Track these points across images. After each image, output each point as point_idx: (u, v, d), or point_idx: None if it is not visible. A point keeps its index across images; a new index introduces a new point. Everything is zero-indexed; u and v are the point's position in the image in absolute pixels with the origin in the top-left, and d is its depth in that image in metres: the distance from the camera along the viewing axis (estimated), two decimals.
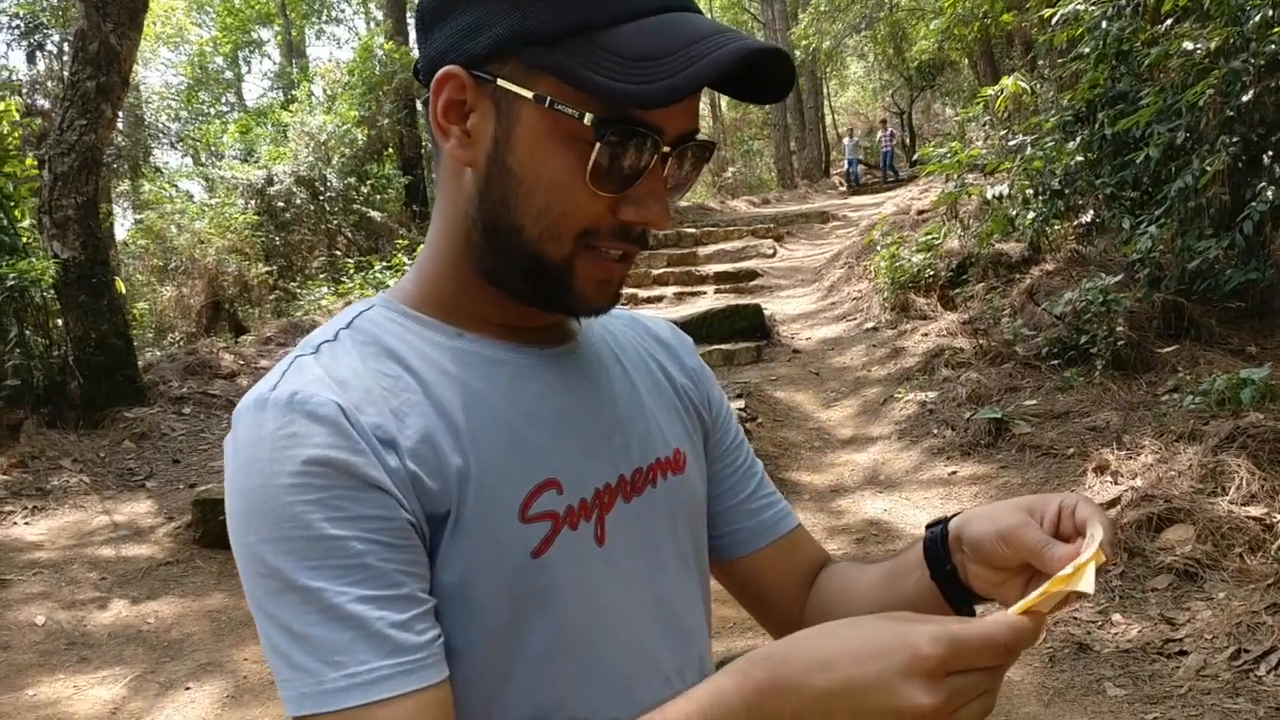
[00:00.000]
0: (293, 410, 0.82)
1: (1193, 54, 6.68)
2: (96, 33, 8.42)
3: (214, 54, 35.26)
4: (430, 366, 0.91)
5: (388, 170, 20.92)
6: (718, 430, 1.17)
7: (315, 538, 0.79)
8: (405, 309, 0.95)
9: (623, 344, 1.09)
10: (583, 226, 0.87)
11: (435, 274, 0.97)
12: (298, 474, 0.80)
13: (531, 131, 0.86)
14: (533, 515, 0.89)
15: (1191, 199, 6.49)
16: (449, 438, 0.87)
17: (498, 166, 0.87)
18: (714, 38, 0.81)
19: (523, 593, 0.88)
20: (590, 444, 0.96)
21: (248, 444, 0.84)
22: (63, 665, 4.59)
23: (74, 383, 8.58)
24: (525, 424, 0.91)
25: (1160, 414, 5.61)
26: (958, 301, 9.23)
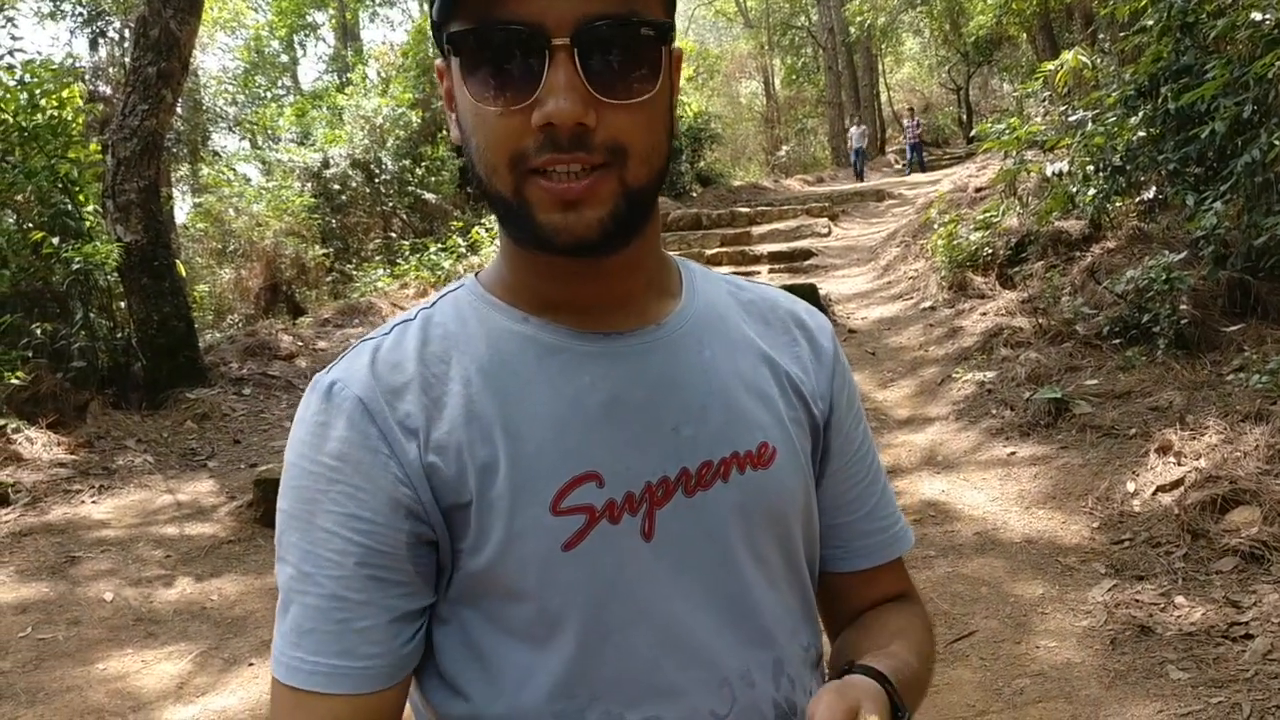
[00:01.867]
0: (328, 399, 0.89)
1: (1261, 25, 6.52)
2: (157, 19, 8.54)
3: (270, 38, 35.59)
4: (488, 353, 0.92)
5: (442, 152, 21.02)
6: (835, 433, 1.09)
7: (313, 526, 0.86)
8: (483, 292, 0.97)
9: (728, 326, 1.03)
10: (509, 151, 0.84)
11: (500, 257, 0.99)
12: (317, 462, 0.87)
13: (456, 84, 0.87)
14: (566, 508, 0.88)
15: (1259, 174, 6.34)
16: (482, 427, 0.89)
17: (461, 129, 0.90)
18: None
19: (553, 585, 0.88)
20: (645, 436, 0.92)
21: (297, 421, 0.92)
22: (131, 640, 4.69)
23: (137, 364, 8.75)
24: (571, 414, 0.90)
25: (1225, 394, 5.51)
26: (1016, 280, 9.11)
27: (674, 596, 0.92)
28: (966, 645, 3.92)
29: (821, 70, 35.94)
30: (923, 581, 4.50)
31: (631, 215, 0.87)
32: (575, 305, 0.94)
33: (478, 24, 0.83)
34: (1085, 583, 4.28)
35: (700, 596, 0.94)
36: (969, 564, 4.65)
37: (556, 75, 0.81)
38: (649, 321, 0.97)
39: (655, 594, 0.91)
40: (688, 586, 0.93)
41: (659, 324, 0.98)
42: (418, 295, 14.65)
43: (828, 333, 1.11)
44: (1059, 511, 4.99)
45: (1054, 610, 4.09)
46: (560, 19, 0.81)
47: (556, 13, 0.81)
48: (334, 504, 0.86)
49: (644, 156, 0.86)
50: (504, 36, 0.82)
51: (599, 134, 0.83)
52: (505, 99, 0.83)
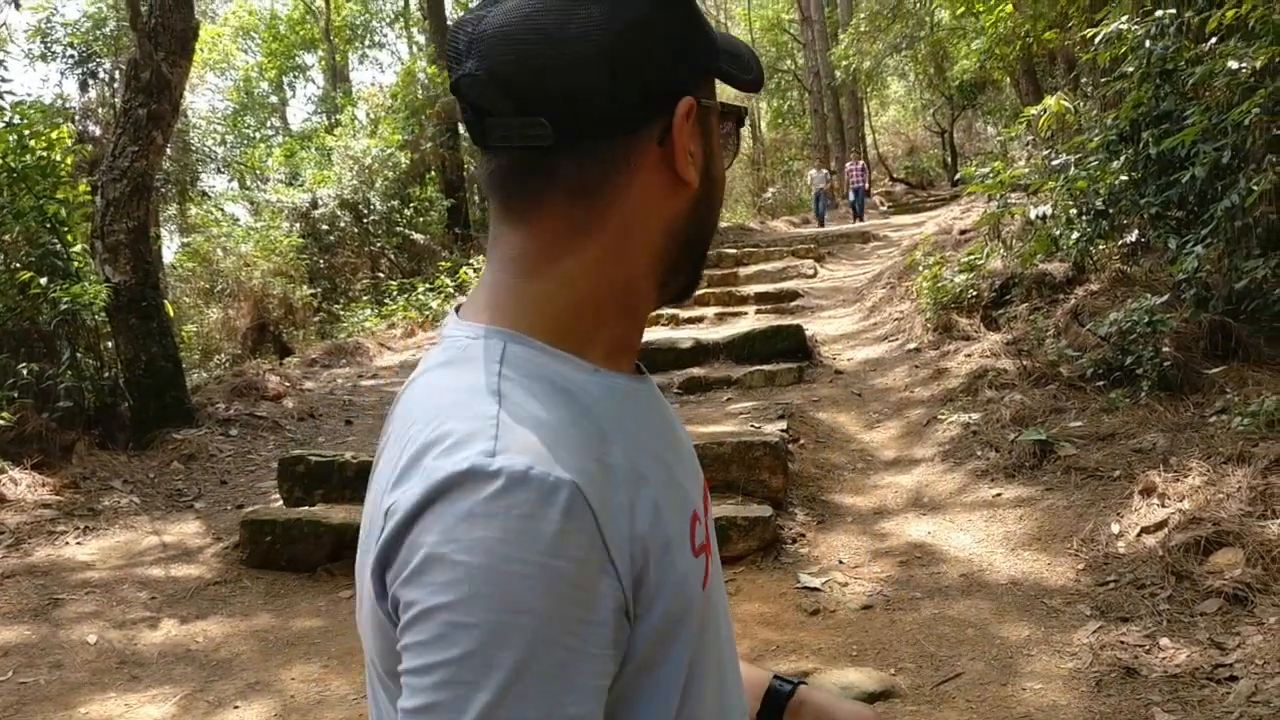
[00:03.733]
0: (530, 488, 0.75)
1: (1238, 73, 6.63)
2: (149, 62, 8.60)
3: (259, 79, 35.82)
4: (596, 408, 0.87)
5: (430, 193, 21.12)
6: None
7: (532, 639, 0.72)
8: (543, 346, 0.89)
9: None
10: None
11: (576, 302, 0.91)
12: (529, 562, 0.73)
13: (715, 139, 0.96)
14: (697, 548, 0.89)
15: (1238, 218, 6.43)
16: (637, 479, 0.84)
17: (709, 179, 0.95)
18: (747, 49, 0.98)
19: (702, 625, 0.88)
20: (690, 471, 0.98)
21: (463, 518, 0.74)
22: (114, 684, 4.66)
23: (124, 404, 8.73)
24: (669, 455, 0.93)
25: (1208, 435, 5.55)
26: (1001, 322, 9.18)
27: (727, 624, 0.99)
28: (953, 687, 3.93)
29: (807, 113, 36.29)
30: (909, 623, 4.51)
31: None
32: (627, 351, 0.97)
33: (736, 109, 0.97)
34: (1071, 624, 4.30)
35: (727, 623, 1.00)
36: (955, 606, 4.66)
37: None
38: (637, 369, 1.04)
39: (724, 622, 0.98)
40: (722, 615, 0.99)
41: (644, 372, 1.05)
42: (405, 335, 14.67)
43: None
44: (1044, 553, 5.01)
45: (1040, 652, 4.11)
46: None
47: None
48: (557, 609, 0.73)
49: None
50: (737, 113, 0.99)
51: None
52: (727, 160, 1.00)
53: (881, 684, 3.96)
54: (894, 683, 3.98)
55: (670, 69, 0.89)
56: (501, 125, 0.87)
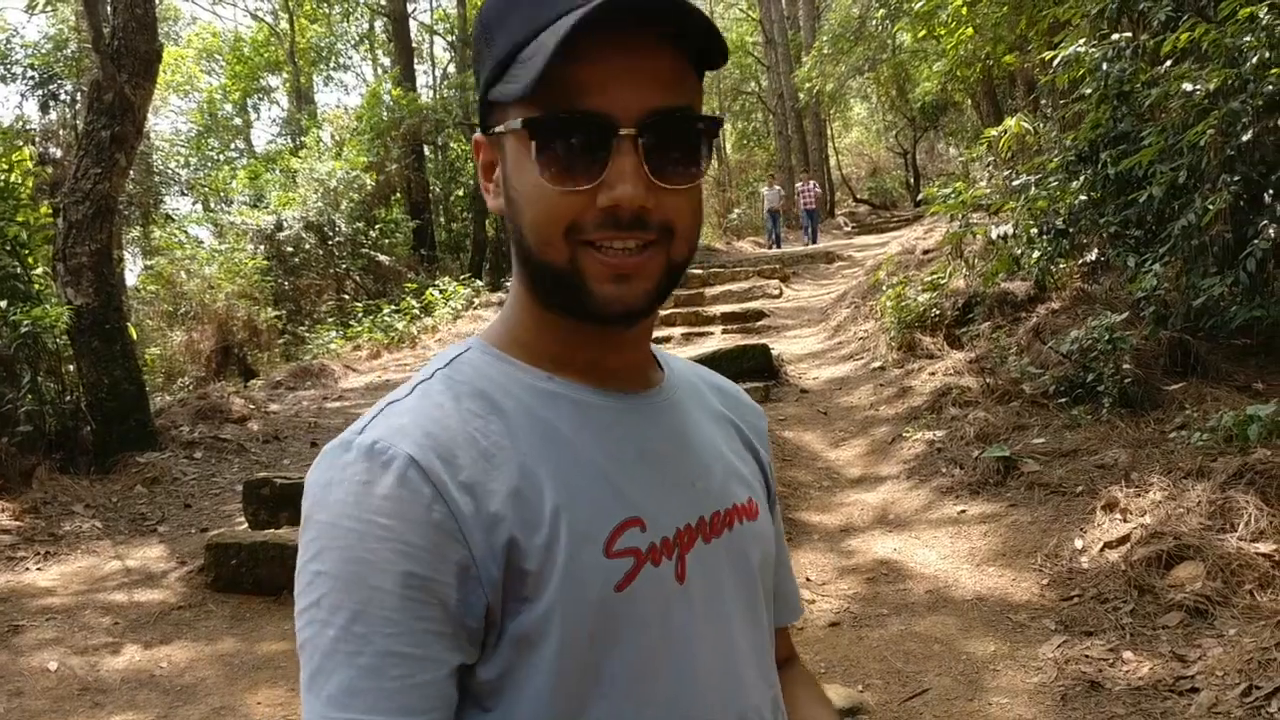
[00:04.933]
0: (371, 458, 0.87)
1: (1192, 95, 6.75)
2: (111, 84, 8.56)
3: (223, 101, 35.64)
4: (520, 408, 0.95)
5: (396, 215, 21.11)
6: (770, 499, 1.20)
7: (364, 585, 0.84)
8: (500, 353, 1.01)
9: (701, 392, 1.15)
10: (564, 224, 0.91)
11: (514, 316, 1.02)
12: (364, 521, 0.85)
13: (512, 161, 0.94)
14: (617, 551, 0.92)
15: (1195, 237, 6.54)
16: (537, 479, 0.91)
17: (509, 203, 0.96)
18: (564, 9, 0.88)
19: (604, 626, 0.91)
20: (673, 486, 1.00)
21: (328, 484, 0.89)
22: (76, 711, 4.60)
23: (86, 428, 8.64)
24: (610, 466, 0.96)
25: (1168, 451, 5.63)
26: (964, 340, 9.27)
27: (704, 637, 0.98)
28: (920, 703, 3.95)
29: (771, 135, 36.52)
30: (876, 640, 4.54)
31: (670, 287, 0.97)
32: (595, 368, 1.01)
33: (552, 111, 0.89)
34: (1036, 639, 4.33)
35: (724, 637, 1.01)
36: (921, 622, 4.69)
37: (623, 162, 0.90)
38: (651, 385, 1.06)
39: (691, 635, 0.97)
40: (713, 628, 1.00)
41: (659, 388, 1.07)
42: (371, 357, 14.61)
43: (757, 411, 1.24)
44: (1009, 569, 5.06)
45: (1005, 667, 4.14)
46: (627, 110, 0.89)
47: (624, 105, 0.89)
48: (388, 563, 0.84)
49: (687, 235, 0.95)
50: (578, 124, 0.89)
51: (654, 215, 0.91)
52: (571, 179, 0.90)
53: (849, 700, 3.98)
54: (862, 699, 4.00)
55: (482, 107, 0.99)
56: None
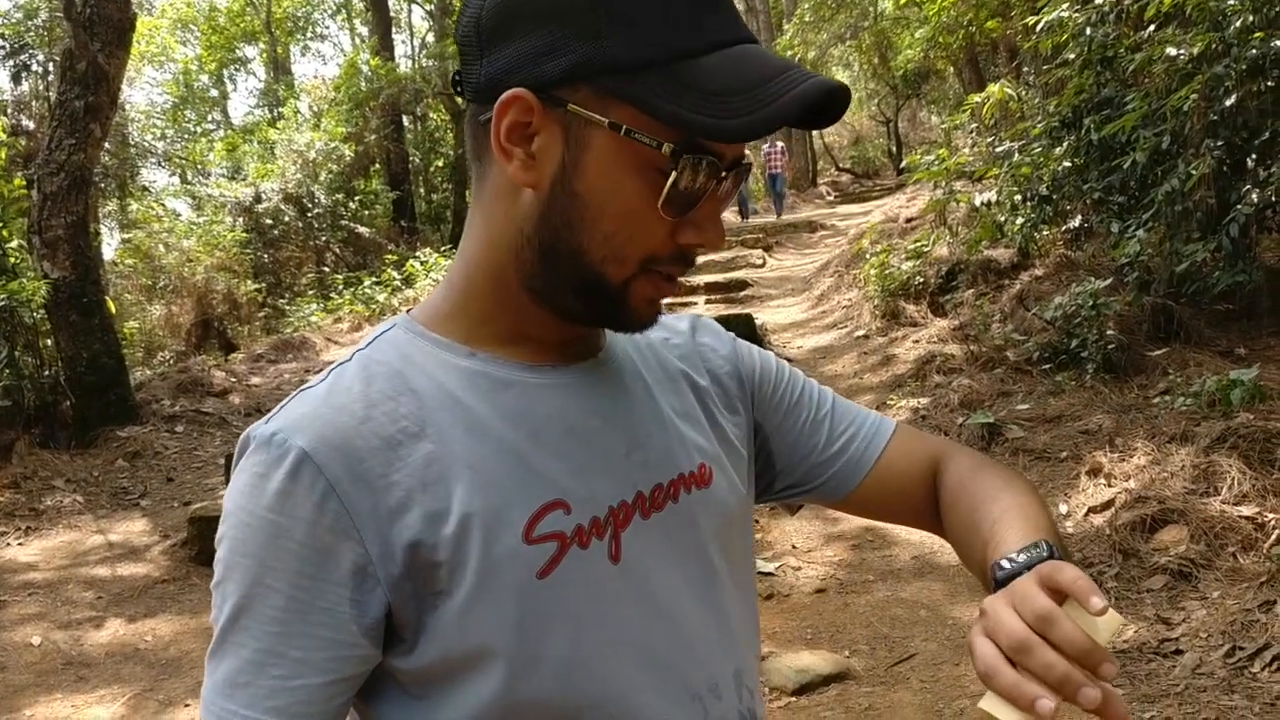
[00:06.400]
0: (267, 449, 0.85)
1: (1176, 59, 6.73)
2: (84, 53, 8.43)
3: (199, 72, 35.27)
4: (435, 388, 0.91)
5: (375, 186, 20.98)
6: (767, 400, 1.16)
7: (252, 579, 0.83)
8: (422, 329, 0.96)
9: (645, 353, 1.08)
10: (647, 251, 0.88)
11: (467, 289, 0.96)
12: (256, 515, 0.83)
13: (603, 158, 0.86)
14: (538, 536, 0.88)
15: (1178, 203, 6.53)
16: (445, 466, 0.87)
17: (564, 190, 0.87)
18: (788, 74, 0.83)
19: (531, 614, 0.87)
20: (603, 462, 0.95)
21: (236, 470, 0.87)
22: (60, 685, 4.58)
23: (66, 403, 8.58)
24: (530, 447, 0.91)
25: (1152, 416, 5.65)
26: (948, 308, 9.27)
27: (644, 617, 0.94)
28: (907, 668, 3.96)
29: None
30: (862, 606, 4.55)
31: None
32: (539, 343, 0.96)
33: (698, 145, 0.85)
34: None
35: (667, 615, 0.96)
36: (908, 588, 4.70)
37: (716, 207, 0.90)
38: (590, 353, 1.01)
39: (627, 616, 0.93)
40: (655, 606, 0.95)
41: (598, 355, 1.01)
42: (352, 329, 14.54)
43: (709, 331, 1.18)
44: None
45: None
46: (734, 154, 0.88)
47: (734, 150, 0.88)
48: (275, 560, 0.82)
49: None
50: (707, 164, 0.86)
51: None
52: (669, 206, 0.86)
53: (836, 666, 3.99)
54: (848, 665, 4.01)
55: (526, 58, 0.86)
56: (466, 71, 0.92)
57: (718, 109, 0.81)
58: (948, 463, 1.16)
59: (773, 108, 0.81)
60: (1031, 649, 0.76)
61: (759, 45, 0.88)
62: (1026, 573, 0.83)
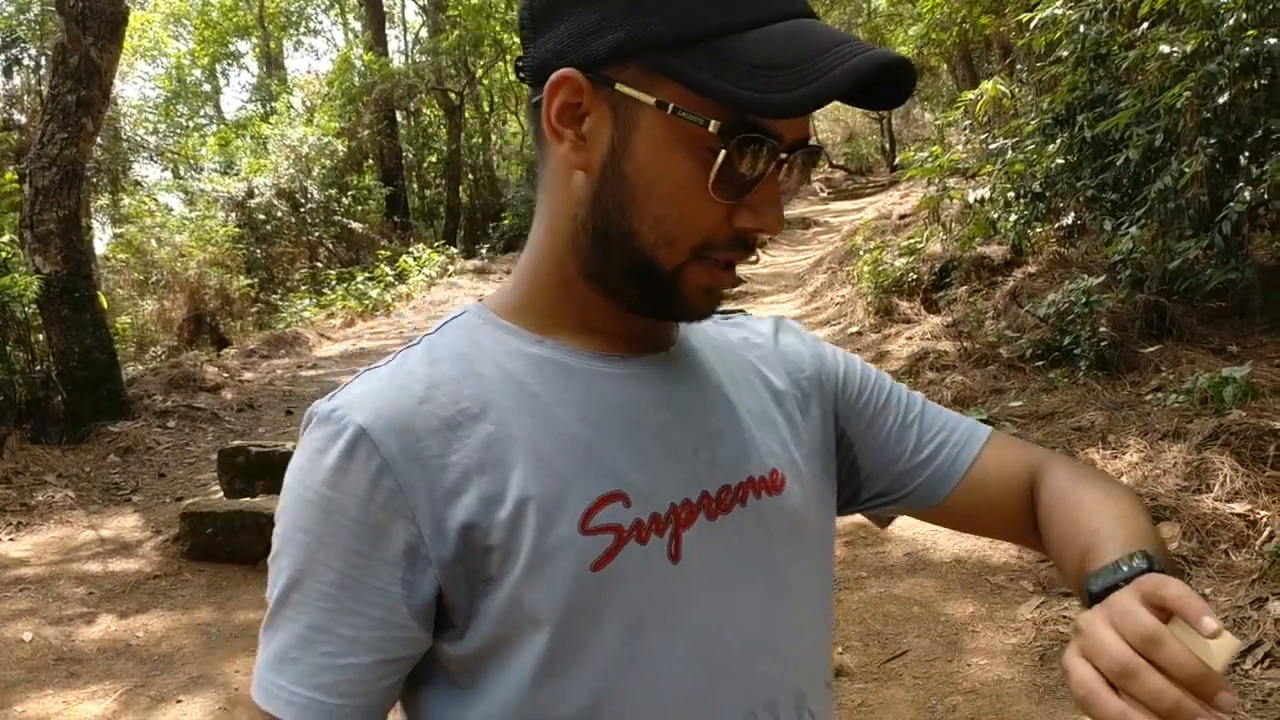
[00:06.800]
0: (326, 426, 0.84)
1: (1169, 57, 6.73)
2: (77, 46, 8.40)
3: (192, 67, 35.16)
4: (500, 374, 0.89)
5: (368, 181, 20.96)
6: (851, 405, 1.11)
7: (307, 554, 0.83)
8: (493, 316, 0.95)
9: (723, 352, 1.04)
10: (700, 235, 0.85)
11: (535, 279, 0.95)
12: (314, 491, 0.83)
13: (651, 138, 0.83)
14: (594, 527, 0.85)
15: (1171, 200, 6.54)
16: (505, 450, 0.85)
17: (613, 172, 0.85)
18: (841, 48, 0.79)
19: (581, 607, 0.85)
20: (670, 458, 0.91)
21: (298, 448, 0.87)
22: (51, 681, 4.56)
23: (57, 398, 8.55)
24: (593, 436, 0.88)
25: (1144, 413, 5.65)
26: (941, 305, 9.28)
27: (701, 622, 0.90)
28: (899, 665, 3.97)
29: None
30: (855, 603, 4.55)
31: None
32: (608, 334, 0.94)
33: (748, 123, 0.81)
34: (1014, 600, 4.36)
35: (726, 622, 0.92)
36: (900, 584, 4.70)
37: (772, 189, 0.85)
38: (661, 346, 0.98)
39: (682, 618, 0.89)
40: (714, 612, 0.91)
41: (671, 349, 0.98)
42: (345, 325, 14.52)
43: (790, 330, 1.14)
44: None
45: (984, 628, 4.16)
46: (788, 136, 0.84)
47: (793, 130, 0.84)
48: (329, 536, 0.82)
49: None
50: (762, 143, 0.82)
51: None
52: (720, 188, 0.82)
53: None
54: (841, 661, 4.01)
55: (574, 38, 0.85)
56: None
57: (762, 83, 0.78)
58: (1047, 473, 1.07)
59: (821, 82, 0.77)
60: (1137, 673, 0.69)
61: (816, 19, 0.84)
62: (1126, 586, 0.77)
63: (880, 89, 0.83)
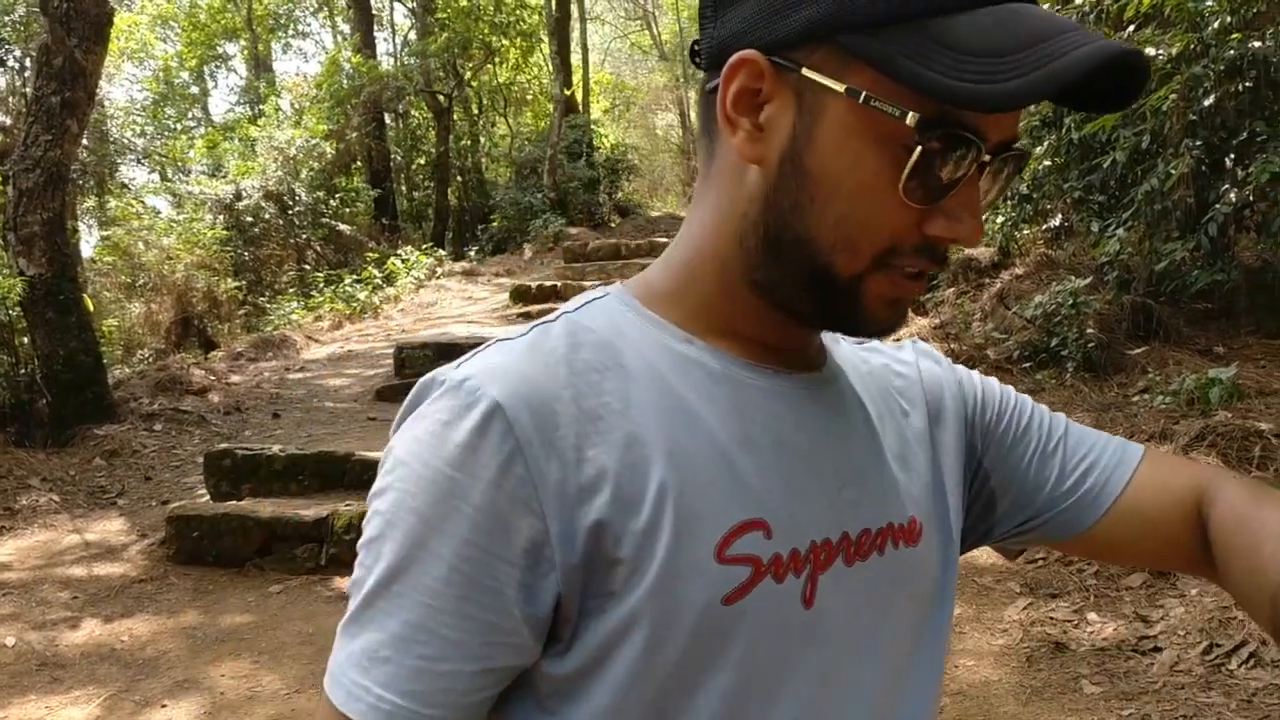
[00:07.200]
0: (457, 396, 0.75)
1: (1155, 59, 6.76)
2: (61, 48, 8.36)
3: (179, 69, 35.04)
4: (647, 368, 0.80)
5: (356, 184, 20.91)
6: (990, 433, 1.00)
7: (417, 541, 0.73)
8: (638, 305, 0.85)
9: (867, 380, 0.94)
10: (885, 241, 0.76)
11: (688, 273, 0.86)
12: (434, 469, 0.74)
13: (838, 129, 0.74)
14: (731, 556, 0.76)
15: (1157, 202, 6.56)
16: (645, 452, 0.76)
17: (793, 166, 0.76)
18: (1067, 35, 0.69)
19: (705, 642, 0.76)
20: (814, 490, 0.82)
21: (415, 416, 0.78)
22: (34, 686, 4.53)
23: (42, 401, 8.50)
24: (740, 452, 0.79)
25: (1131, 414, 5.67)
26: (929, 307, 9.28)
27: (822, 676, 0.82)
28: None
29: None
30: None
31: None
32: (756, 342, 0.85)
33: (949, 118, 0.72)
34: (1001, 602, 4.36)
35: (852, 678, 0.84)
36: None
37: (972, 194, 0.76)
38: (812, 365, 0.89)
39: (805, 670, 0.81)
40: (841, 666, 0.83)
41: (822, 370, 0.90)
42: (332, 327, 14.48)
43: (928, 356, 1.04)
44: None
45: (971, 629, 4.16)
46: (990, 137, 0.74)
47: (999, 129, 0.75)
48: (446, 522, 0.72)
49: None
50: (963, 141, 0.73)
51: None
52: (915, 191, 0.74)
53: None
54: None
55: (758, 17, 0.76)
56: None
57: (974, 72, 0.68)
58: (1216, 493, 0.95)
59: (1041, 73, 0.67)
60: None
61: (1033, 3, 0.74)
62: None
63: (1104, 86, 0.74)
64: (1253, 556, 0.86)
